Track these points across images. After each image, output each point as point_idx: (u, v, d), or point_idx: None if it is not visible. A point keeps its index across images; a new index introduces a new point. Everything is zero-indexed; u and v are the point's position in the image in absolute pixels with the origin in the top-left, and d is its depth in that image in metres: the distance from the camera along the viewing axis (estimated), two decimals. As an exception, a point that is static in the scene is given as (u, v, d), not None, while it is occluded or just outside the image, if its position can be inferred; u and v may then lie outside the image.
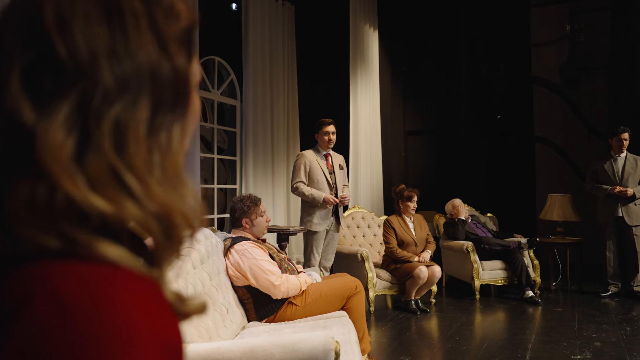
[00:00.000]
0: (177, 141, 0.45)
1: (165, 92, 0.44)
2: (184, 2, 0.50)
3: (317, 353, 1.75)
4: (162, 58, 0.44)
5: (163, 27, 0.45)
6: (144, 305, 0.38)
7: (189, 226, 0.43)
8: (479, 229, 5.45)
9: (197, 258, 2.31)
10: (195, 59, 0.51)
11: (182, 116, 0.46)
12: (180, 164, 0.45)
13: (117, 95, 0.41)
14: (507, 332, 4.01)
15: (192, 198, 0.45)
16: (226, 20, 6.87)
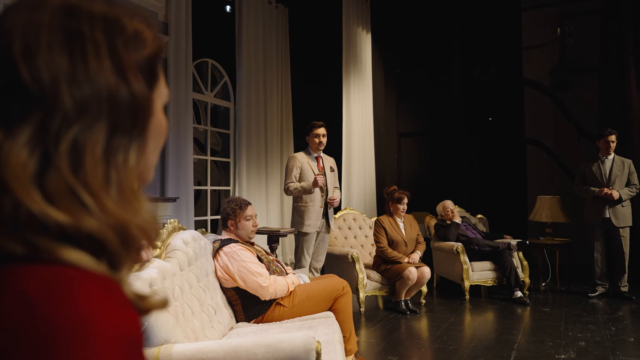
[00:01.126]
0: (134, 161, 0.49)
1: (123, 116, 0.48)
2: (151, 30, 0.55)
3: (298, 353, 1.79)
4: (120, 84, 0.48)
5: (122, 55, 0.49)
6: (104, 302, 0.42)
7: (145, 237, 0.48)
8: (469, 230, 5.51)
9: (185, 260, 2.35)
10: (161, 82, 0.56)
11: (140, 138, 0.50)
12: (135, 182, 0.49)
13: (76, 118, 0.45)
14: (494, 332, 4.07)
15: (147, 212, 0.49)
16: (219, 23, 6.91)
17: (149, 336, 1.79)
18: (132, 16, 0.54)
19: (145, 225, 0.48)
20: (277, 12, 7.61)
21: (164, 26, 5.77)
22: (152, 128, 0.54)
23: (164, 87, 0.58)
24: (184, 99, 5.82)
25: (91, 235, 0.44)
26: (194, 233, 2.67)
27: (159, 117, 0.56)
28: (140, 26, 0.53)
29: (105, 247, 0.45)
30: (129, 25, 0.52)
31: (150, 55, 0.53)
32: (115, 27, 0.50)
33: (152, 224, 0.50)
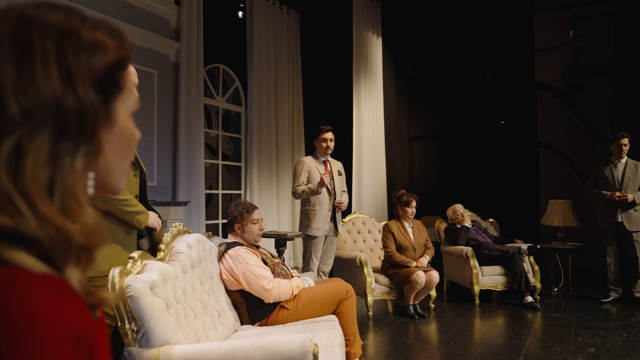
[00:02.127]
0: (80, 166, 0.51)
1: (69, 122, 0.50)
2: (115, 40, 0.57)
3: (295, 355, 1.82)
4: (67, 92, 0.50)
5: (72, 64, 0.51)
6: (52, 300, 0.44)
7: (86, 241, 0.50)
8: (479, 234, 5.47)
9: (188, 263, 2.39)
10: (126, 90, 0.59)
11: (90, 144, 0.52)
12: (80, 187, 0.51)
13: (20, 124, 0.47)
14: (503, 337, 4.04)
15: (89, 217, 0.51)
16: (231, 29, 6.99)
17: (150, 337, 1.83)
18: (94, 27, 0.56)
19: (85, 230, 0.50)
20: (288, 17, 7.67)
21: (176, 33, 5.86)
22: (114, 135, 0.56)
23: (131, 95, 0.60)
24: (195, 104, 5.90)
25: (32, 238, 0.46)
26: (199, 236, 2.71)
27: (124, 124, 0.58)
28: (101, 36, 0.56)
29: (47, 249, 0.47)
30: (87, 35, 0.55)
31: (110, 64, 0.55)
32: (68, 37, 0.52)
33: (93, 229, 0.51)
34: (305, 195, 4.44)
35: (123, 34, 0.61)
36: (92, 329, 0.48)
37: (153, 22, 5.46)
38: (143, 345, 1.83)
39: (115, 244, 2.15)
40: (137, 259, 1.99)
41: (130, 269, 1.91)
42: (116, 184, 0.60)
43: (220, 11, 6.66)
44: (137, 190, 2.30)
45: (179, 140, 5.71)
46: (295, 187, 4.50)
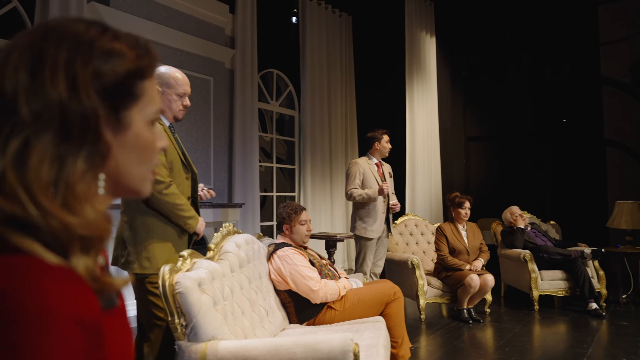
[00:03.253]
0: (82, 166, 0.55)
1: (73, 125, 0.55)
2: (134, 51, 0.62)
3: (335, 353, 1.84)
4: (71, 97, 0.55)
5: (78, 71, 0.56)
6: (60, 288, 0.49)
7: (86, 232, 0.54)
8: (538, 237, 5.26)
9: (236, 262, 2.47)
10: (144, 99, 0.63)
11: (94, 147, 0.57)
12: (83, 185, 0.55)
13: (29, 125, 0.53)
14: (563, 344, 3.86)
15: (91, 213, 0.55)
16: (284, 34, 7.13)
17: (197, 332, 1.92)
18: (115, 38, 0.61)
19: (85, 223, 0.54)
20: (340, 20, 7.73)
21: (231, 40, 6.07)
22: (127, 141, 0.61)
23: (151, 105, 0.65)
24: (249, 109, 6.07)
25: (38, 227, 0.52)
26: (248, 237, 2.80)
27: (139, 131, 0.63)
28: (120, 46, 0.61)
29: (52, 239, 0.52)
30: (104, 45, 0.60)
31: (125, 73, 0.60)
32: (81, 46, 0.58)
33: (94, 222, 0.55)
34: (361, 200, 4.46)
35: (147, 46, 0.65)
36: (97, 315, 0.53)
37: (209, 31, 5.68)
38: (192, 339, 1.92)
39: (171, 243, 2.27)
40: (187, 257, 2.10)
41: (180, 266, 2.01)
42: (139, 187, 0.66)
43: (273, 18, 6.81)
44: (189, 192, 2.42)
45: (235, 144, 5.90)
46: (350, 190, 4.53)
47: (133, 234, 2.19)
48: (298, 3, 6.97)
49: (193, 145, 5.33)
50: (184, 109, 2.37)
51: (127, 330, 0.67)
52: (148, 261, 2.17)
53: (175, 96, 2.31)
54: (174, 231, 2.28)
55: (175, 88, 2.31)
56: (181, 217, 2.25)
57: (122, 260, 2.21)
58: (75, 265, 0.53)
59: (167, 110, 2.33)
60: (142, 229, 2.19)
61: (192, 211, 2.31)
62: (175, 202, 2.21)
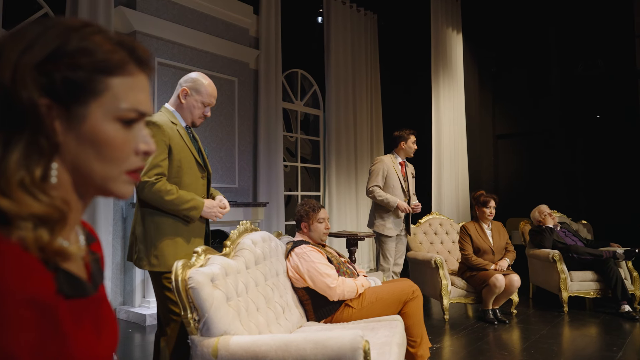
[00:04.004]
0: (18, 155, 0.57)
1: (13, 115, 0.57)
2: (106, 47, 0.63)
3: (345, 350, 1.84)
4: (13, 88, 0.57)
5: (22, 63, 0.58)
6: (12, 267, 0.52)
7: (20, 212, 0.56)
8: (568, 237, 5.10)
9: (252, 259, 2.50)
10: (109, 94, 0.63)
11: (34, 136, 0.58)
12: (16, 171, 0.57)
13: None
14: (592, 347, 3.74)
15: (27, 198, 0.57)
16: (309, 34, 7.15)
17: (210, 327, 1.95)
18: (93, 33, 0.63)
19: (18, 208, 0.56)
20: (365, 19, 7.70)
21: (255, 41, 6.13)
22: (82, 136, 0.62)
23: (118, 102, 0.64)
24: (274, 109, 6.12)
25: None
26: (265, 234, 2.82)
27: (96, 127, 0.63)
28: (91, 42, 0.62)
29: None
30: (72, 39, 0.61)
31: (88, 68, 0.61)
32: (40, 39, 0.59)
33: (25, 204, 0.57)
34: (380, 203, 4.47)
35: (126, 44, 0.66)
36: (50, 296, 0.55)
37: (234, 32, 5.75)
38: (204, 334, 1.95)
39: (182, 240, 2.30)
40: (201, 253, 2.13)
41: (193, 262, 2.05)
42: (106, 186, 0.66)
43: (297, 18, 6.84)
44: (204, 191, 2.45)
45: (259, 144, 5.96)
46: (372, 187, 4.51)
47: (144, 231, 2.24)
48: (323, 3, 6.98)
49: (218, 145, 5.41)
50: (203, 118, 2.42)
51: (101, 322, 0.69)
52: (156, 259, 2.21)
53: (200, 103, 2.36)
54: (186, 228, 2.31)
55: (203, 96, 2.36)
56: (179, 210, 2.24)
57: (134, 257, 2.26)
58: (24, 238, 0.55)
59: (188, 113, 2.37)
60: (152, 226, 2.23)
61: (189, 202, 2.25)
62: (164, 198, 2.18)
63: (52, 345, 0.55)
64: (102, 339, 0.69)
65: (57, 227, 0.58)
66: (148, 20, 4.78)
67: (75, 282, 0.63)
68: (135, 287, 4.59)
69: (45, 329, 0.54)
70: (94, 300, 0.68)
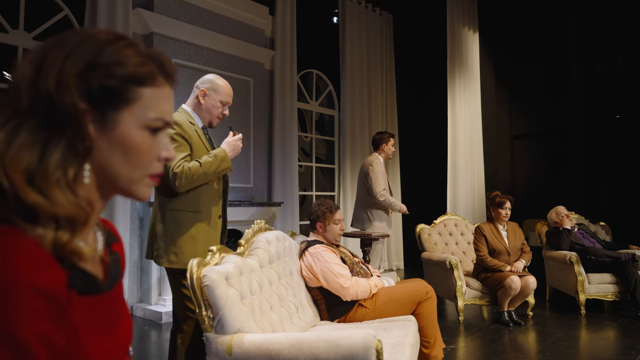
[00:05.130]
0: (59, 155, 0.62)
1: (56, 117, 0.62)
2: (139, 58, 0.68)
3: (357, 349, 1.85)
4: (57, 92, 0.62)
5: (67, 71, 0.62)
6: (25, 259, 0.55)
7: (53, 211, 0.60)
8: (586, 239, 5.04)
9: (266, 258, 2.52)
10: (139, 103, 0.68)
11: (73, 139, 0.63)
12: (55, 171, 0.61)
13: (24, 112, 0.61)
14: (609, 350, 3.69)
15: (59, 196, 0.61)
16: (324, 34, 7.16)
17: (224, 325, 1.97)
18: (126, 46, 0.67)
19: (52, 206, 0.60)
20: (381, 19, 7.69)
21: (270, 41, 6.16)
22: (113, 140, 0.66)
23: (147, 110, 0.69)
24: (289, 109, 6.15)
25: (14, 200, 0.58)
26: (279, 234, 2.84)
27: (126, 133, 0.67)
28: (125, 54, 0.67)
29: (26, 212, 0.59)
30: (107, 50, 0.66)
31: (121, 77, 0.66)
32: (81, 48, 0.64)
33: (60, 204, 0.61)
34: (386, 206, 4.74)
35: (160, 59, 0.71)
36: (60, 289, 0.58)
37: (249, 33, 5.80)
38: (218, 331, 1.98)
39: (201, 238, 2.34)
40: (216, 252, 2.16)
41: (208, 260, 2.08)
42: (129, 188, 0.70)
43: (312, 18, 6.86)
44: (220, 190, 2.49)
45: (274, 144, 5.99)
46: (382, 191, 4.66)
47: (164, 228, 2.28)
48: (338, 3, 6.99)
49: (233, 145, 5.45)
50: (221, 117, 2.46)
51: (114, 318, 0.72)
52: (175, 256, 2.25)
53: (219, 103, 2.41)
54: (205, 226, 2.35)
55: (221, 95, 2.41)
56: (214, 174, 2.27)
57: (153, 254, 2.30)
58: (42, 236, 0.59)
59: (206, 113, 2.41)
60: (172, 224, 2.27)
61: (214, 162, 2.27)
62: (194, 177, 2.20)
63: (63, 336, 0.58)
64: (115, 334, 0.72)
65: (79, 228, 0.62)
66: (165, 22, 4.85)
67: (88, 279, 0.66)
68: (151, 285, 4.66)
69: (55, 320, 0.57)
70: (108, 298, 0.71)
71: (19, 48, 4.19)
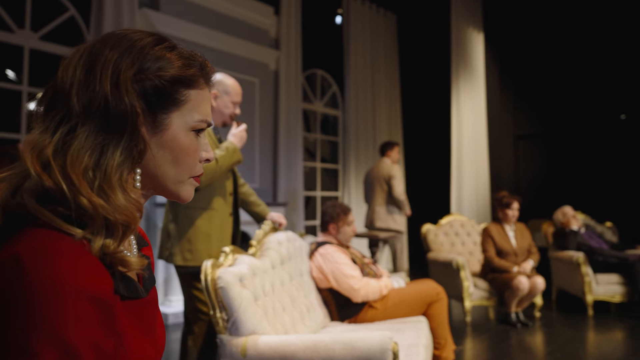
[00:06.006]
0: (119, 158, 0.61)
1: (113, 119, 0.61)
2: (184, 60, 0.68)
3: (374, 351, 1.83)
4: (114, 93, 0.61)
5: (122, 72, 0.62)
6: (74, 265, 0.54)
7: (112, 217, 0.59)
8: (592, 239, 5.02)
9: (277, 259, 2.51)
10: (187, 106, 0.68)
11: (130, 142, 0.62)
12: (115, 174, 0.61)
13: (77, 116, 0.60)
14: (619, 352, 3.67)
15: (120, 200, 0.60)
16: (328, 35, 7.15)
17: (238, 326, 1.96)
18: (169, 49, 0.67)
19: (113, 210, 0.59)
20: (385, 19, 7.68)
21: (275, 42, 6.15)
22: (164, 142, 0.66)
23: (193, 113, 0.69)
24: (294, 110, 6.14)
25: (69, 204, 0.57)
26: (290, 234, 2.83)
27: (176, 135, 0.67)
28: (170, 56, 0.67)
29: (78, 216, 0.58)
30: (156, 52, 0.66)
31: (170, 79, 0.66)
32: (132, 51, 0.64)
33: (121, 209, 0.60)
34: (403, 206, 5.14)
35: (202, 62, 0.71)
36: (109, 295, 0.57)
37: (254, 33, 5.78)
38: (233, 333, 1.97)
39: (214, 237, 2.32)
40: (229, 253, 2.15)
41: (222, 261, 2.06)
42: (175, 189, 0.70)
43: (317, 18, 6.85)
44: (231, 189, 2.47)
45: (279, 144, 5.98)
46: (403, 191, 5.13)
47: (177, 227, 2.27)
48: (342, 3, 6.97)
49: (238, 145, 5.44)
50: (233, 117, 2.45)
51: (152, 325, 0.71)
52: (190, 253, 2.24)
53: (230, 103, 2.41)
54: (218, 223, 2.34)
55: (232, 96, 2.41)
56: (227, 167, 2.26)
57: (166, 253, 2.29)
58: (93, 243, 0.58)
59: (218, 115, 2.41)
60: (186, 222, 2.26)
61: (226, 154, 2.26)
62: (214, 172, 2.18)
63: (110, 342, 0.57)
64: (154, 339, 0.71)
65: (128, 235, 0.61)
66: (171, 22, 4.83)
67: (130, 284, 0.65)
68: (158, 286, 4.65)
69: (105, 326, 0.56)
70: (146, 303, 0.70)
71: (25, 48, 4.18)
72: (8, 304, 0.52)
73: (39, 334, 0.50)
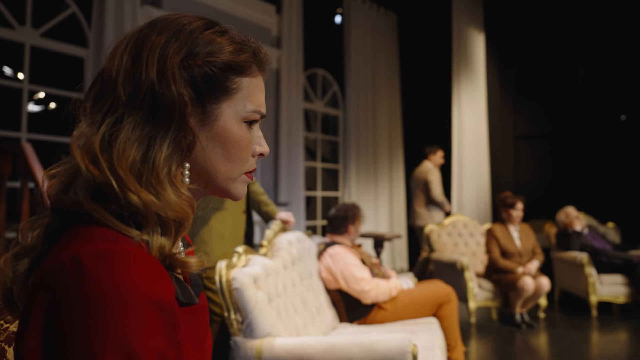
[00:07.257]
0: (167, 150, 0.56)
1: (160, 109, 0.56)
2: (236, 45, 0.63)
3: (393, 354, 1.80)
4: (161, 81, 0.56)
5: (169, 58, 0.57)
6: (139, 273, 0.50)
7: (164, 213, 0.55)
8: (595, 240, 5.01)
9: (289, 259, 2.47)
10: (239, 95, 0.62)
11: (179, 133, 0.57)
12: (163, 168, 0.56)
13: (123, 105, 0.55)
14: (625, 353, 3.66)
15: (171, 196, 0.56)
16: (329, 34, 7.12)
17: (253, 328, 1.92)
18: (219, 33, 0.62)
19: (164, 206, 0.55)
20: (385, 19, 7.65)
21: (277, 41, 6.11)
22: (214, 134, 0.61)
23: (245, 102, 0.63)
24: (295, 109, 6.09)
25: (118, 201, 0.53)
26: (299, 234, 2.79)
27: (226, 126, 0.62)
28: (221, 40, 0.61)
29: (132, 214, 0.54)
30: (205, 37, 0.60)
31: (221, 65, 0.60)
32: (179, 36, 0.59)
33: (173, 205, 0.56)
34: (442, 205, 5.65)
35: (255, 47, 0.66)
36: (172, 301, 0.53)
37: (255, 32, 5.73)
38: (247, 335, 1.93)
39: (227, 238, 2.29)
40: (242, 253, 2.10)
41: (235, 262, 2.02)
42: (226, 186, 0.65)
43: (319, 17, 6.81)
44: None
45: (280, 144, 5.93)
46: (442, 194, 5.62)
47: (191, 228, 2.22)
48: (342, 2, 6.94)
49: (240, 144, 5.40)
50: None
51: (204, 332, 0.66)
52: (206, 255, 2.19)
53: None
54: (231, 223, 2.30)
55: None
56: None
57: None
58: (151, 242, 0.54)
59: None
60: (200, 223, 2.22)
61: None
62: None
63: (173, 350, 0.53)
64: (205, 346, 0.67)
65: (181, 233, 0.57)
66: (173, 20, 4.78)
67: (185, 290, 0.61)
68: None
69: (168, 334, 0.52)
70: (198, 309, 0.65)
71: (26, 45, 4.11)
72: (69, 306, 0.48)
73: (104, 341, 0.47)
